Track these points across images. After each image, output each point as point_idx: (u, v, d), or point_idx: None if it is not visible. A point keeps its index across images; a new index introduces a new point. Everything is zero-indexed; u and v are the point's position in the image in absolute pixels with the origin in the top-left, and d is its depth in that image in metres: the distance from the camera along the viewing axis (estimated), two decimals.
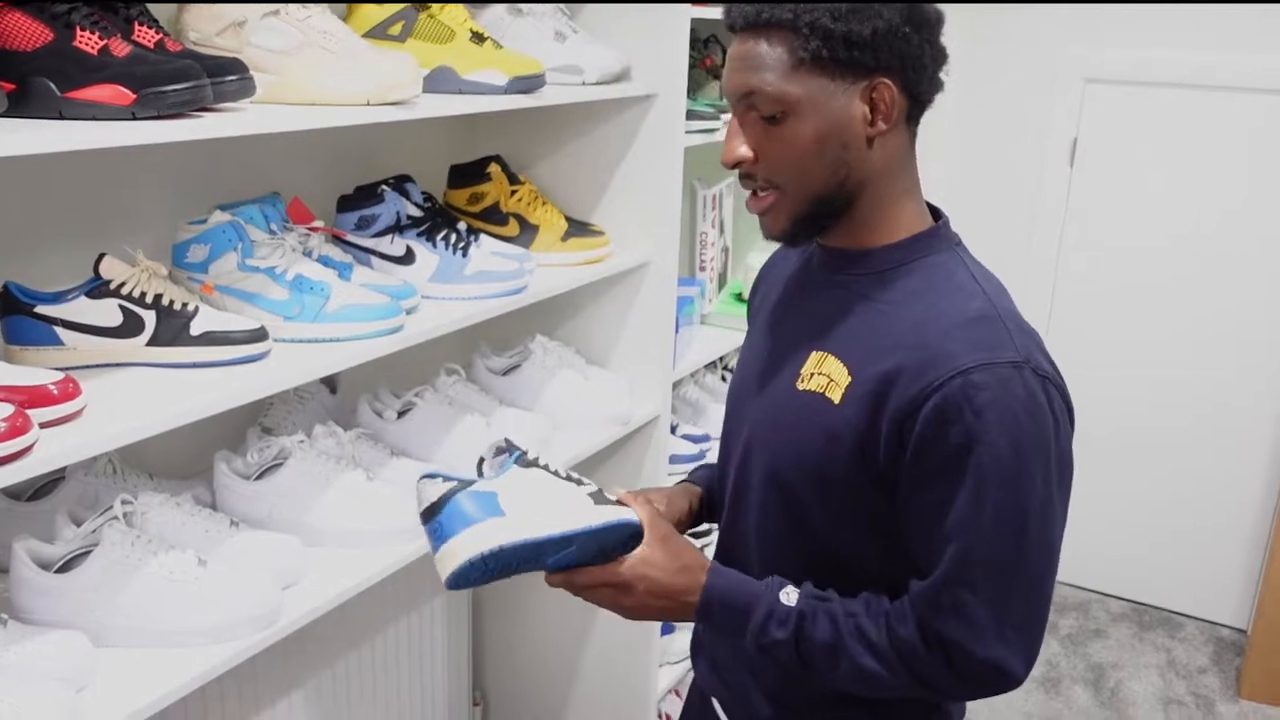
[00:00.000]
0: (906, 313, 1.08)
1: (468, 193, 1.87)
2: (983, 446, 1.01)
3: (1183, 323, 3.20)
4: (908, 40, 1.04)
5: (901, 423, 1.04)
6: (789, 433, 1.14)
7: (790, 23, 1.03)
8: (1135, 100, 3.11)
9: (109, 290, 1.26)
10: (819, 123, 1.05)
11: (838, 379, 1.09)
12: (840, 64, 1.03)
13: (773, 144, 1.08)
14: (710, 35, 2.47)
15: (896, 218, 1.13)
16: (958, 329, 1.04)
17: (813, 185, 1.08)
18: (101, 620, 1.22)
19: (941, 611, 1.05)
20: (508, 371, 1.95)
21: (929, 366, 1.02)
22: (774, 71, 1.04)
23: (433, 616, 2.09)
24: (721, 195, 2.60)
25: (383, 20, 1.58)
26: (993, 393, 1.00)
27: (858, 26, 1.02)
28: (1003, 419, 1.01)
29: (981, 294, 1.09)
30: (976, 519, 1.02)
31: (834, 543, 1.14)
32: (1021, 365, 1.02)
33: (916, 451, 1.03)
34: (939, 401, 1.01)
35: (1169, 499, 3.33)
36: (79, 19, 1.10)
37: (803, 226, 1.12)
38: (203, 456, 1.54)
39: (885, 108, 1.06)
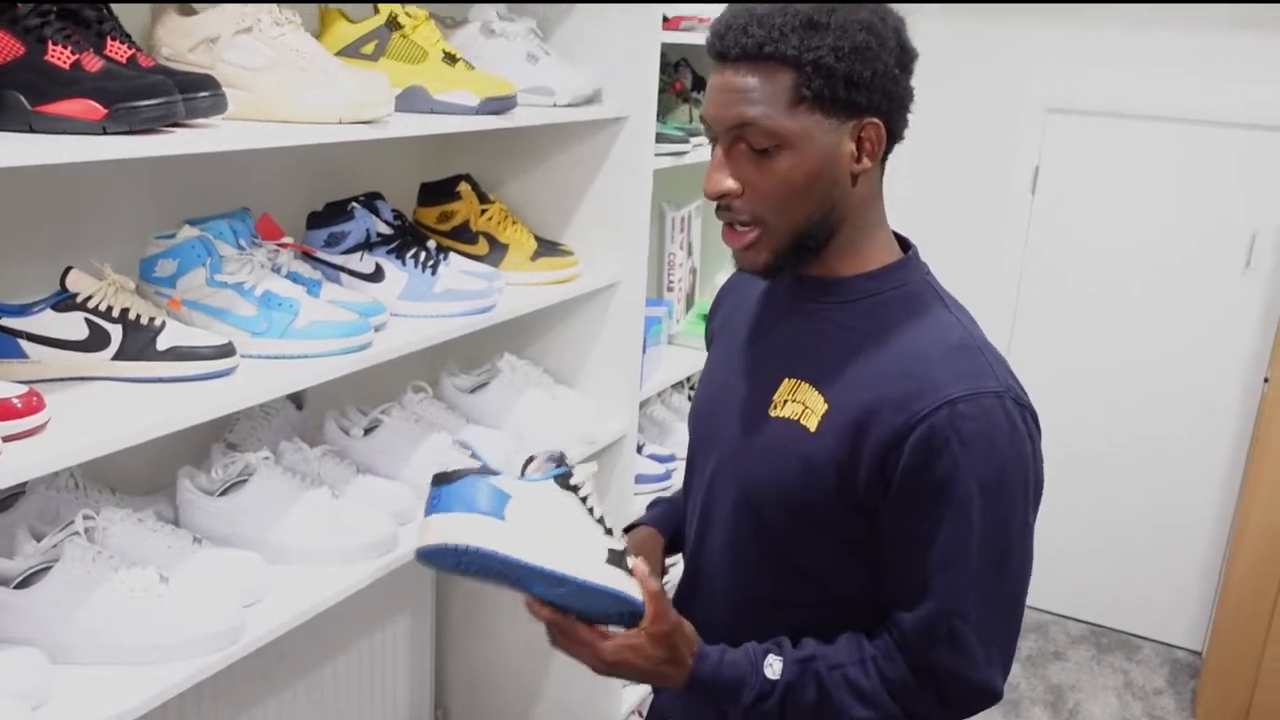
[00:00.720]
0: (886, 343, 1.09)
1: (438, 211, 1.88)
2: (970, 476, 1.02)
3: (1140, 349, 3.25)
4: (897, 82, 1.06)
5: (886, 453, 1.04)
6: (762, 458, 1.15)
7: (794, 60, 1.02)
8: (1096, 130, 3.17)
9: (75, 304, 1.25)
10: (811, 159, 1.05)
11: (813, 407, 1.10)
12: (837, 103, 1.03)
13: (763, 178, 1.06)
14: (680, 59, 2.49)
15: (869, 249, 1.14)
16: (941, 359, 1.06)
17: (798, 220, 1.08)
18: (61, 637, 1.21)
19: (935, 642, 1.07)
20: (475, 390, 1.95)
21: (914, 397, 1.03)
22: (772, 106, 1.03)
23: (396, 634, 2.08)
24: (690, 217, 2.62)
25: (356, 39, 1.59)
26: (979, 423, 1.02)
27: (860, 68, 1.02)
28: (988, 449, 1.02)
29: (959, 324, 1.11)
30: (965, 548, 1.04)
31: (808, 564, 1.15)
32: (1004, 395, 1.04)
33: (903, 481, 1.04)
34: (925, 431, 1.02)
35: (1126, 522, 3.38)
36: (51, 33, 1.10)
37: (785, 260, 1.11)
38: (166, 472, 1.53)
39: (871, 146, 1.07)
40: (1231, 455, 3.20)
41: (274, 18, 1.36)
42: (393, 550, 1.54)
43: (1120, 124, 3.14)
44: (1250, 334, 3.11)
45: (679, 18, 2.07)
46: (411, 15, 1.61)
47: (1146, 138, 3.11)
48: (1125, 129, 3.14)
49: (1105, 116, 3.16)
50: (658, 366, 2.30)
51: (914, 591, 1.08)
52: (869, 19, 1.03)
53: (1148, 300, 3.21)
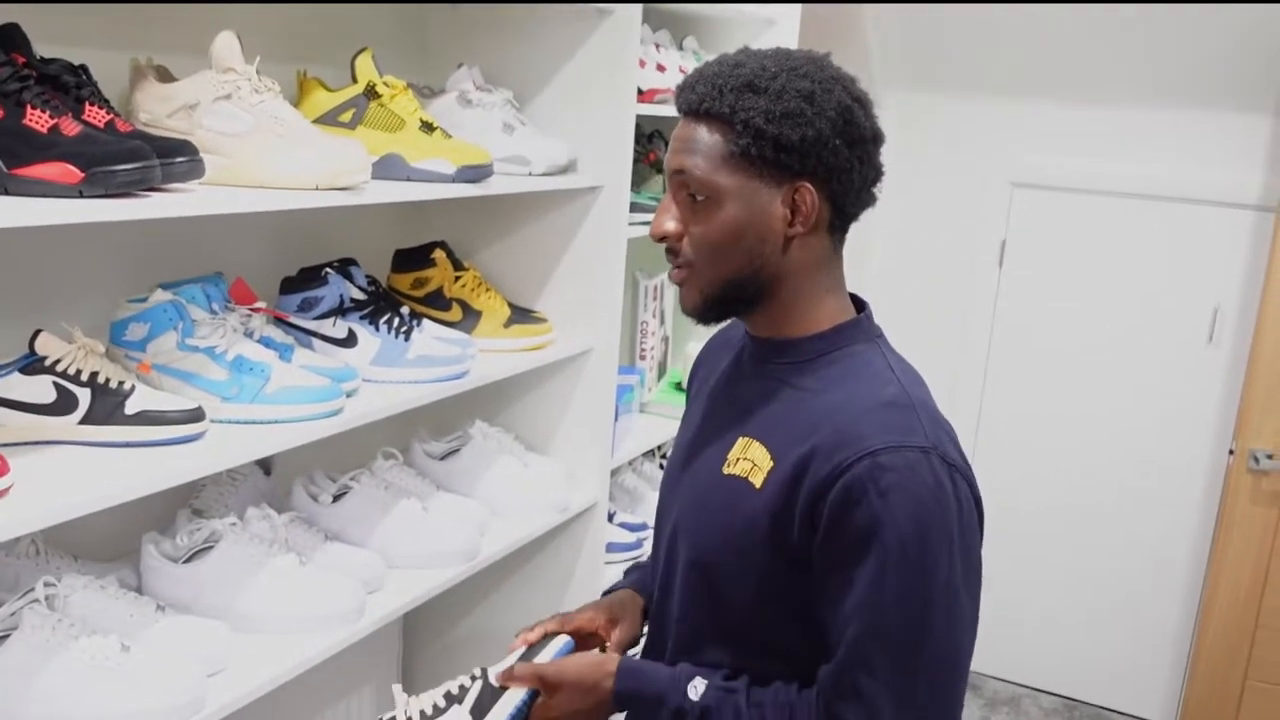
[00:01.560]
0: (825, 399, 1.11)
1: (412, 277, 1.88)
2: (886, 528, 1.02)
3: (1107, 421, 3.28)
4: (836, 153, 1.08)
5: (814, 503, 1.06)
6: (712, 516, 1.16)
7: (726, 117, 1.08)
8: (1062, 205, 3.23)
9: (44, 367, 1.24)
10: (739, 214, 1.10)
11: (760, 464, 1.12)
12: (767, 163, 1.08)
13: (696, 224, 1.12)
14: (654, 130, 2.53)
15: (818, 311, 1.17)
16: (869, 413, 1.07)
17: (724, 270, 1.13)
18: (18, 707, 1.17)
19: (843, 695, 1.06)
20: (446, 456, 1.94)
21: (839, 448, 1.05)
22: (706, 158, 1.09)
23: (361, 705, 2.04)
24: (662, 286, 2.64)
25: (334, 107, 1.61)
26: (899, 475, 1.02)
27: (788, 131, 1.06)
28: (907, 502, 1.02)
29: (896, 382, 1.12)
30: (877, 599, 1.03)
31: (754, 625, 1.16)
32: (929, 450, 1.05)
33: (826, 531, 1.05)
34: (847, 481, 1.03)
35: (1097, 595, 3.38)
36: (30, 97, 1.11)
37: (712, 306, 1.16)
38: (130, 538, 1.51)
39: (805, 211, 1.10)
40: (1199, 527, 3.22)
41: (253, 85, 1.37)
42: (360, 619, 1.52)
43: (1086, 199, 3.20)
44: (1214, 407, 3.15)
45: (653, 90, 2.11)
46: (389, 85, 1.63)
47: (1112, 213, 3.17)
48: (1091, 204, 3.20)
49: (1071, 192, 3.22)
50: (629, 434, 2.30)
51: (834, 645, 1.07)
52: (810, 88, 1.07)
53: (1114, 373, 3.25)
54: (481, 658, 2.19)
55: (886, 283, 3.40)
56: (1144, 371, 3.21)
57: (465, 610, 2.20)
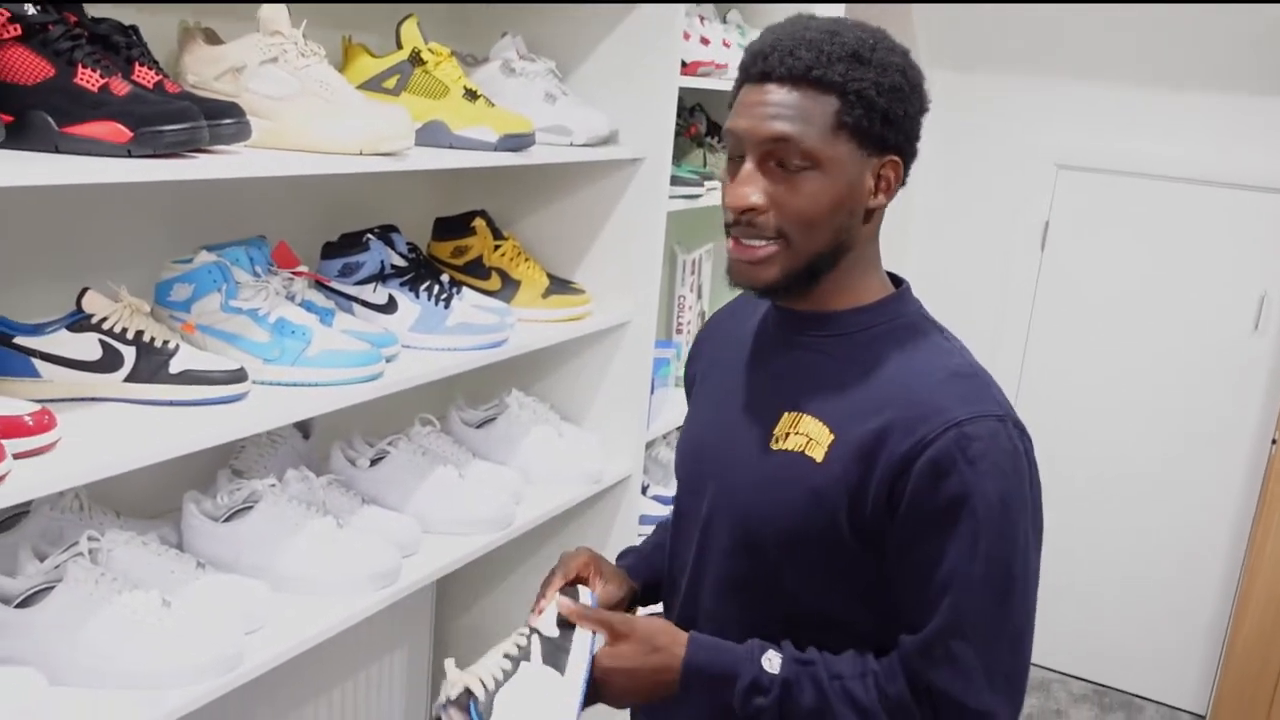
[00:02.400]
0: (888, 371, 1.11)
1: (452, 245, 1.89)
2: (976, 497, 1.03)
3: (1147, 407, 3.24)
4: (917, 125, 1.11)
5: (894, 478, 1.05)
6: (764, 494, 1.14)
7: (838, 86, 1.05)
8: (1107, 187, 3.19)
9: (90, 324, 1.26)
10: (840, 185, 1.07)
11: (818, 437, 1.11)
12: (870, 136, 1.07)
13: (792, 196, 1.07)
14: (696, 104, 2.51)
15: (865, 284, 1.16)
16: (944, 384, 1.08)
17: (816, 243, 1.09)
18: (60, 658, 1.20)
19: (935, 663, 1.06)
20: (482, 424, 1.95)
21: (920, 421, 1.05)
22: (815, 127, 1.05)
23: (393, 667, 2.07)
24: (700, 260, 2.63)
25: (379, 73, 1.61)
26: (984, 444, 1.04)
27: (895, 105, 1.07)
28: (993, 471, 1.04)
29: (957, 351, 1.14)
30: (969, 570, 1.04)
31: (808, 603, 1.15)
32: (1005, 419, 1.07)
33: (910, 505, 1.05)
34: (934, 454, 1.03)
35: (1132, 581, 3.35)
36: (81, 56, 1.12)
37: (794, 281, 1.12)
38: (171, 496, 1.53)
39: (888, 184, 1.11)
40: (1238, 515, 3.18)
41: (299, 49, 1.38)
42: (395, 582, 1.53)
43: (1131, 182, 3.15)
44: (1258, 395, 3.10)
45: (697, 63, 2.09)
46: (434, 52, 1.63)
47: (1157, 196, 3.13)
48: (1136, 187, 3.15)
49: (1116, 174, 3.17)
50: (664, 408, 2.30)
51: (918, 615, 1.07)
52: (903, 63, 1.09)
53: (1156, 359, 3.21)
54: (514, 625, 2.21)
55: (926, 263, 3.37)
56: (1187, 359, 3.17)
57: (498, 577, 2.21)
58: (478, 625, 2.28)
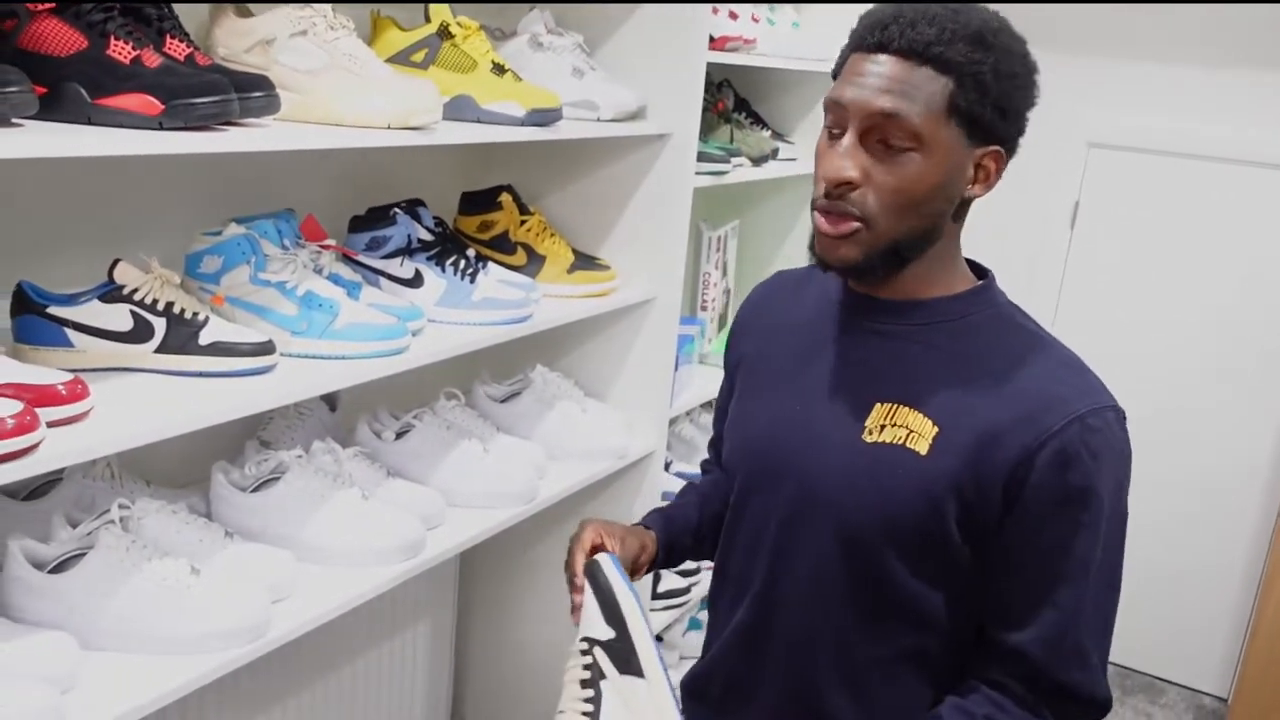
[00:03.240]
0: (992, 363, 1.09)
1: (478, 220, 1.89)
2: (1101, 487, 1.04)
3: (1177, 389, 3.22)
4: (1026, 121, 1.09)
5: (1014, 470, 1.03)
6: (863, 487, 1.10)
7: (959, 66, 1.00)
8: (1138, 167, 3.15)
9: (122, 295, 1.27)
10: (940, 171, 1.04)
11: (920, 430, 1.07)
12: (979, 123, 1.03)
13: (888, 175, 1.03)
14: (724, 80, 2.50)
15: (952, 273, 1.15)
16: (1057, 376, 1.07)
17: (903, 228, 1.06)
18: (92, 623, 1.22)
19: (1064, 660, 1.06)
20: (507, 399, 1.96)
21: (1043, 412, 1.04)
22: (926, 106, 1.01)
23: (416, 639, 2.09)
24: (726, 237, 2.62)
25: (407, 47, 1.61)
26: (1104, 436, 1.04)
27: (1010, 94, 1.04)
28: (1113, 461, 1.05)
29: (1056, 341, 1.13)
30: (1090, 561, 1.05)
31: (902, 597, 1.11)
32: (1117, 409, 1.08)
33: (1032, 497, 1.04)
34: (1058, 445, 1.02)
35: (1157, 563, 3.33)
36: (114, 28, 1.13)
37: (874, 264, 1.08)
38: (199, 466, 1.55)
39: (987, 176, 1.07)
40: (1265, 498, 3.15)
41: (329, 22, 1.38)
42: (419, 554, 1.55)
43: (1163, 161, 3.12)
44: None
45: (724, 38, 2.08)
46: (463, 25, 1.63)
47: (1189, 176, 3.09)
48: (1168, 166, 3.11)
49: (1148, 153, 3.14)
50: (688, 385, 2.30)
51: (1030, 610, 1.06)
52: (1025, 52, 1.06)
53: (1186, 339, 3.18)
54: (536, 599, 2.23)
55: None
56: (1217, 340, 3.14)
57: (521, 551, 2.23)
58: (500, 598, 2.30)
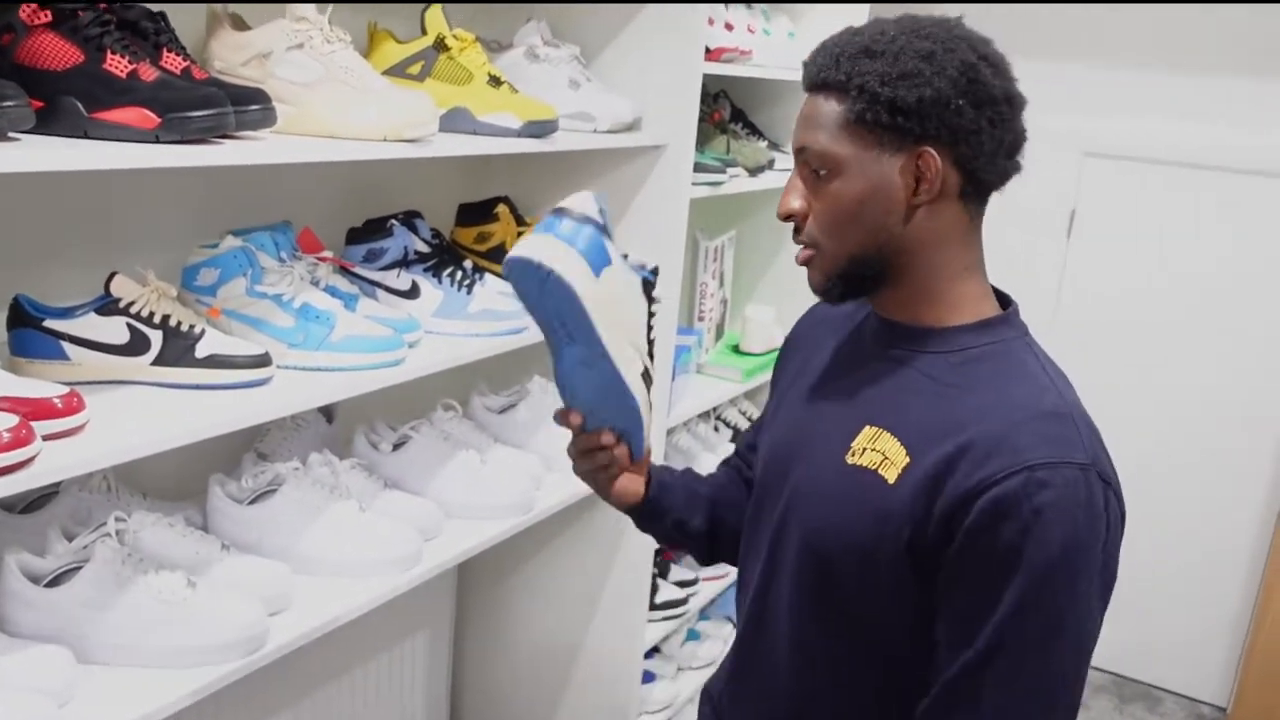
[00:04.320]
0: (974, 399, 1.05)
1: (475, 231, 1.89)
2: (1036, 549, 0.97)
3: (1175, 397, 3.22)
4: (960, 113, 1.03)
5: (955, 509, 1.00)
6: (835, 506, 1.10)
7: (842, 84, 1.04)
8: (1135, 175, 3.16)
9: (118, 308, 1.27)
10: (861, 184, 1.05)
11: (894, 458, 1.06)
12: (884, 128, 1.03)
13: (819, 200, 1.08)
14: (720, 90, 2.51)
15: (959, 297, 1.11)
16: (1028, 423, 1.01)
17: (848, 245, 1.08)
18: (88, 636, 1.22)
19: (955, 700, 1.02)
20: (504, 410, 1.96)
21: (993, 456, 0.99)
22: (825, 131, 1.06)
23: (414, 650, 2.09)
24: (723, 247, 2.63)
25: (403, 59, 1.62)
26: (1055, 493, 0.97)
27: (904, 93, 1.01)
28: (1060, 522, 0.97)
29: (1054, 388, 1.07)
30: (1011, 619, 0.99)
31: (868, 618, 1.10)
32: (1088, 468, 1.00)
33: (965, 542, 0.99)
34: (999, 494, 0.97)
35: (1154, 573, 3.33)
36: (110, 42, 1.13)
37: (838, 284, 1.11)
38: (196, 479, 1.55)
39: (929, 178, 1.04)
40: (1264, 506, 3.15)
41: (325, 35, 1.38)
42: (416, 565, 1.54)
43: (1160, 169, 3.12)
44: None
45: (720, 49, 2.09)
46: (459, 38, 1.64)
47: (1186, 184, 3.10)
48: (1164, 175, 3.12)
49: (1144, 162, 3.14)
50: (685, 395, 2.30)
51: (948, 652, 1.03)
52: (931, 48, 1.03)
53: (1182, 348, 3.18)
54: (535, 611, 2.23)
55: None
56: (1214, 349, 3.15)
57: (519, 562, 2.23)
58: (498, 609, 2.29)
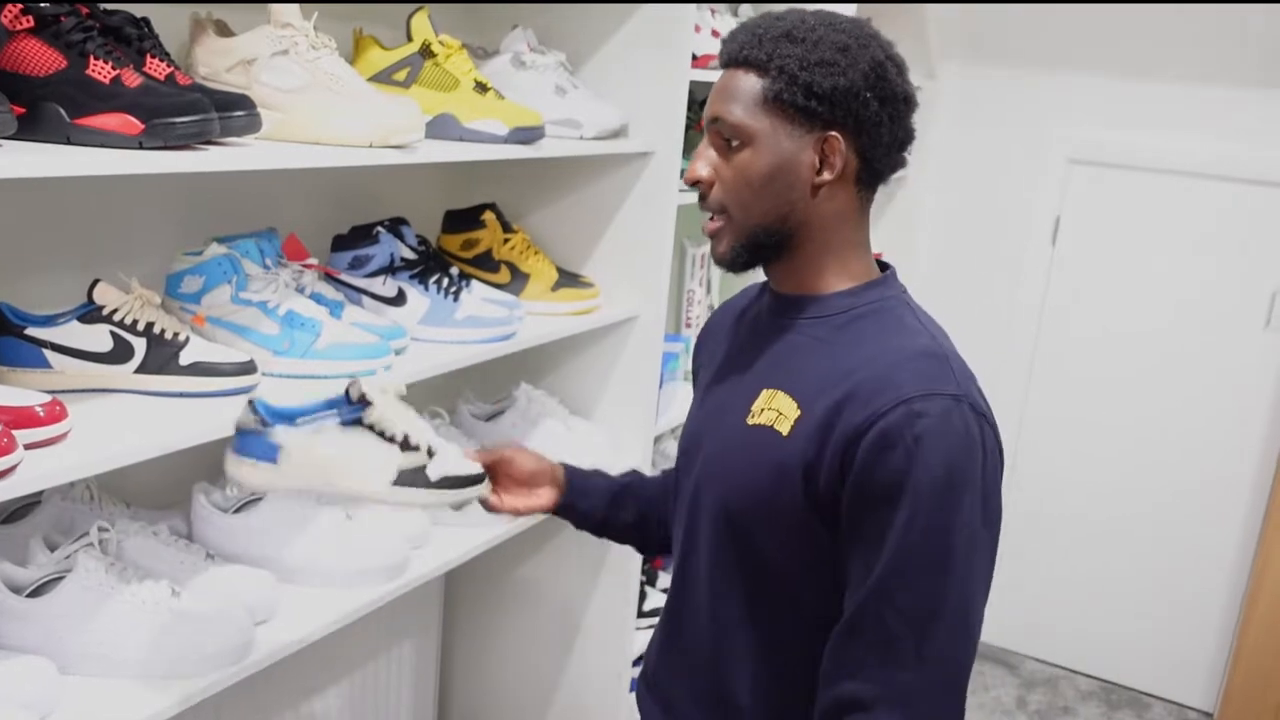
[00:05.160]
0: (857, 351, 1.13)
1: (461, 238, 1.89)
2: (919, 472, 1.04)
3: (1158, 404, 3.23)
4: (866, 105, 1.11)
5: (845, 449, 1.07)
6: (738, 466, 1.17)
7: (763, 63, 1.11)
8: (1119, 183, 3.17)
9: (101, 316, 1.26)
10: (769, 158, 1.12)
11: (786, 412, 1.13)
12: (798, 109, 1.10)
13: (728, 170, 1.14)
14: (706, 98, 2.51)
15: (844, 267, 1.18)
16: (904, 363, 1.09)
17: (754, 215, 1.14)
18: (71, 647, 1.21)
19: (861, 628, 1.06)
20: (491, 417, 1.96)
21: (875, 395, 1.06)
22: (740, 104, 1.12)
23: (401, 660, 2.07)
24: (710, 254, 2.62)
25: (389, 65, 1.61)
26: (932, 421, 1.04)
27: (820, 79, 1.09)
28: (939, 447, 1.04)
29: (927, 334, 1.15)
30: (904, 540, 1.05)
31: (783, 576, 1.16)
32: (960, 399, 1.07)
33: (858, 476, 1.06)
34: (883, 427, 1.04)
35: (1140, 578, 3.34)
36: (93, 48, 1.12)
37: (742, 253, 1.17)
38: (181, 487, 1.54)
39: (833, 160, 1.12)
40: (1248, 512, 3.17)
41: (310, 41, 1.38)
42: (403, 574, 1.54)
43: (1143, 177, 3.14)
44: (1269, 392, 3.09)
45: (707, 56, 2.09)
46: (445, 44, 1.63)
47: (1169, 192, 3.11)
48: (1148, 182, 3.14)
49: (1128, 169, 3.16)
50: (673, 402, 2.30)
51: (852, 583, 1.08)
52: (846, 42, 1.11)
53: (1166, 355, 3.20)
54: (522, 619, 2.22)
55: (937, 258, 3.37)
56: (1198, 355, 3.16)
57: (507, 570, 2.22)
58: (486, 618, 2.28)
